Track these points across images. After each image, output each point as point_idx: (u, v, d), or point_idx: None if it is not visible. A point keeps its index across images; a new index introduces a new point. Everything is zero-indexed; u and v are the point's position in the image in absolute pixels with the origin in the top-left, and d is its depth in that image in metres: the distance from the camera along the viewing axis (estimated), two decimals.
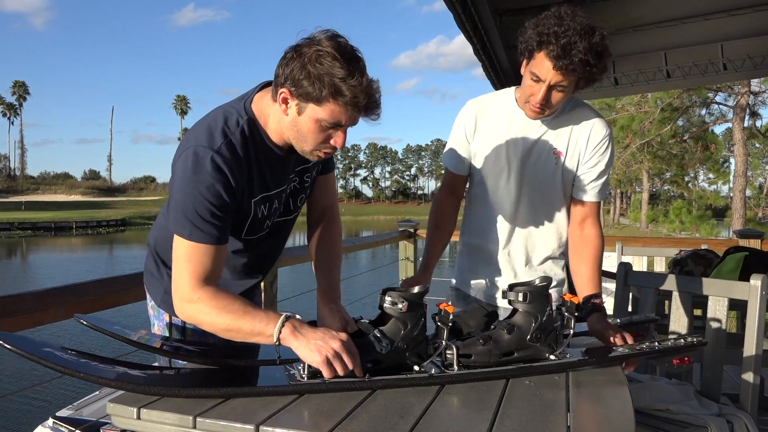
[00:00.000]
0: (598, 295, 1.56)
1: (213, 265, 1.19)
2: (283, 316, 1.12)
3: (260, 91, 1.29)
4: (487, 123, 1.69)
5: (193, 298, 1.16)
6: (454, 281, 1.92)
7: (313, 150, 1.24)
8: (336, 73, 1.10)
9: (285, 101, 1.18)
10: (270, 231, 1.43)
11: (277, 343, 1.10)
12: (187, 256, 1.18)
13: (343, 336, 1.11)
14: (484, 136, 1.70)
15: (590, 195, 1.66)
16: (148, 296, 1.56)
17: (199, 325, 1.19)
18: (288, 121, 1.21)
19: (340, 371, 1.07)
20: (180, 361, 1.34)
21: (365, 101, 1.13)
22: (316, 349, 1.07)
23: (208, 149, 1.18)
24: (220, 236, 1.20)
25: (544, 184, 1.67)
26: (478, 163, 1.73)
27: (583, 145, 1.63)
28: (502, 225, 1.73)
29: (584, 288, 1.60)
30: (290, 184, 1.40)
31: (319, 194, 1.54)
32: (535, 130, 1.63)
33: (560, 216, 1.72)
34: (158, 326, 1.52)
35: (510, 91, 1.68)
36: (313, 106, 1.15)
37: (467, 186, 1.83)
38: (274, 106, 1.23)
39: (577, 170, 1.65)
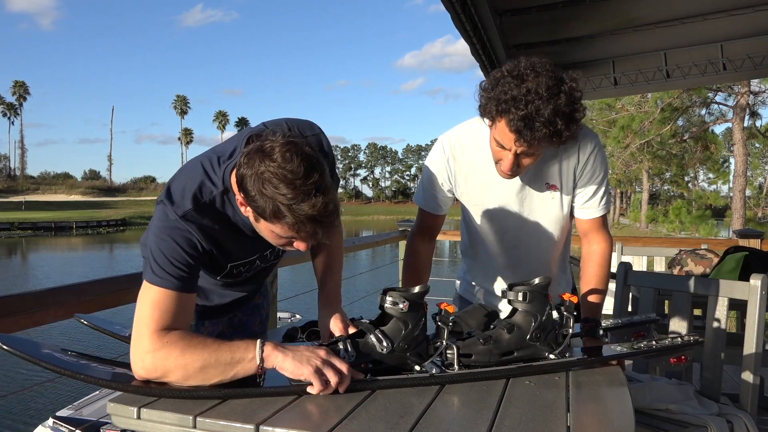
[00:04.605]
0: (591, 320, 1.49)
1: (179, 314, 1.12)
2: (259, 340, 1.08)
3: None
4: (468, 168, 1.59)
5: (157, 346, 1.07)
6: (457, 288, 1.89)
7: (278, 247, 1.21)
8: (279, 199, 1.03)
9: (243, 205, 1.13)
10: (251, 275, 1.43)
11: (260, 364, 1.06)
12: (153, 302, 1.11)
13: (322, 351, 1.09)
14: (468, 182, 1.61)
15: (591, 212, 1.59)
16: None
17: (166, 375, 1.06)
18: (250, 219, 1.16)
19: (332, 378, 1.05)
20: None
21: (310, 229, 1.07)
22: (304, 360, 1.05)
23: (174, 212, 1.15)
24: (190, 285, 1.15)
25: (543, 219, 1.61)
26: (466, 204, 1.66)
27: (575, 165, 1.54)
28: (504, 259, 1.69)
29: (582, 308, 1.56)
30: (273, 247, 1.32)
31: None
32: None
33: (564, 238, 1.68)
34: None
35: (485, 130, 1.50)
36: (265, 222, 1.10)
37: (463, 215, 1.75)
38: None
39: (574, 191, 1.58)
